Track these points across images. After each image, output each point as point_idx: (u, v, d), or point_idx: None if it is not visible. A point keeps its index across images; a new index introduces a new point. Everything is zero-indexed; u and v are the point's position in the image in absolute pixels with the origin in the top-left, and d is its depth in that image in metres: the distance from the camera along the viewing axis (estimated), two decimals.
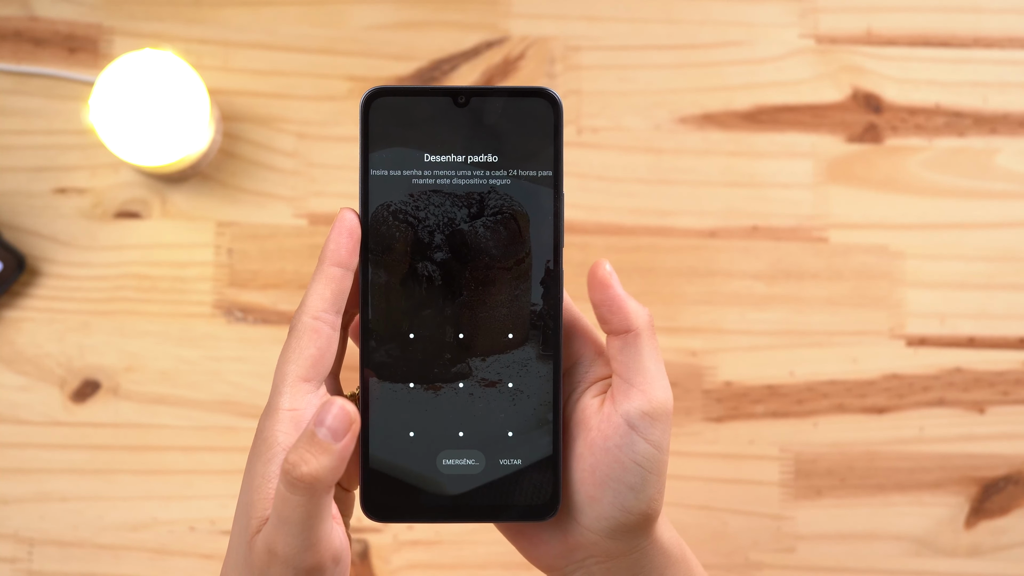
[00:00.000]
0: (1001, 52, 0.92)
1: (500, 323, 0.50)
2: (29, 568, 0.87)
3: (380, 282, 0.49)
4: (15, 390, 0.88)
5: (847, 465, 0.89)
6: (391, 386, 0.49)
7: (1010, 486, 0.89)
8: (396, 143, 0.49)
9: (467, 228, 0.49)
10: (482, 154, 0.49)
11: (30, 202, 0.90)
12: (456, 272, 0.49)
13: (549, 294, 0.50)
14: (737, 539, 0.88)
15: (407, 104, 0.49)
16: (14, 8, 0.91)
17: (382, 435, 0.50)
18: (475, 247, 0.49)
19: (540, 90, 0.49)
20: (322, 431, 0.45)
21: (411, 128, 0.49)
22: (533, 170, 0.49)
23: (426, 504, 0.50)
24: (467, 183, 0.49)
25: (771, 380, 0.89)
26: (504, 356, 0.50)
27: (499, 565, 0.88)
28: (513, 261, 0.49)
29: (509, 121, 0.49)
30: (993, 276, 0.90)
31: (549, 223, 0.50)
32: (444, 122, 0.49)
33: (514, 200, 0.49)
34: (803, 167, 0.91)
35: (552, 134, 0.49)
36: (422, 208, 0.49)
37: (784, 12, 0.92)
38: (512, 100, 0.49)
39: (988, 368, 0.89)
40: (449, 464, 0.50)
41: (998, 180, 0.91)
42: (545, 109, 0.49)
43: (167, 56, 0.85)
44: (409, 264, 0.49)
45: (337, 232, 0.48)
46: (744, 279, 0.90)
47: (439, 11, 0.92)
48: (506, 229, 0.49)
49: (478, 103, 0.49)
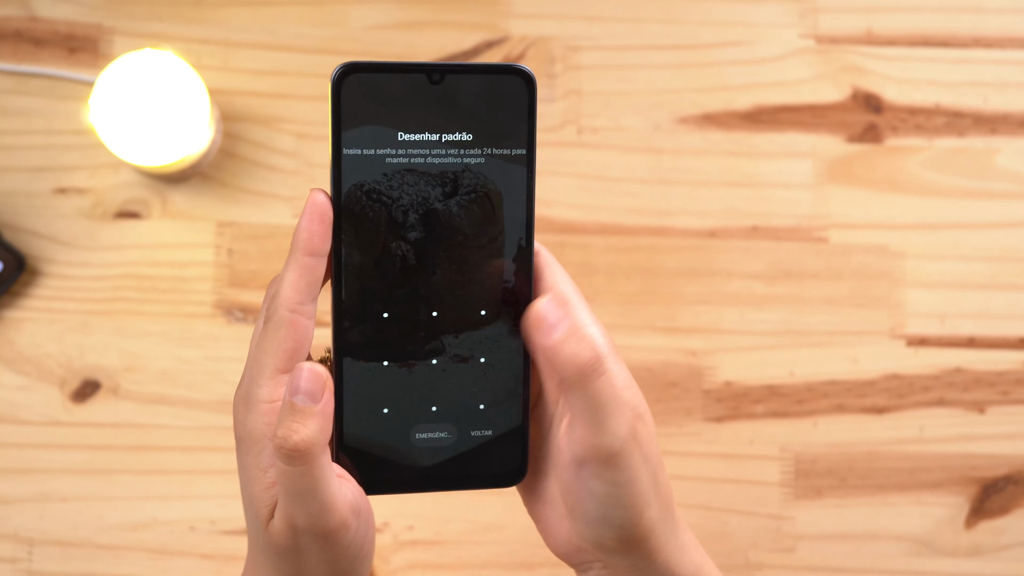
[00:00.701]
0: (1001, 52, 0.92)
1: (473, 300, 0.50)
2: (29, 568, 0.87)
3: (353, 263, 0.49)
4: (15, 390, 0.88)
5: (847, 465, 0.89)
6: (365, 365, 0.49)
7: (1010, 486, 0.89)
8: (369, 121, 0.48)
9: (440, 207, 0.49)
10: (456, 133, 0.48)
11: (30, 202, 0.90)
12: (429, 251, 0.49)
13: (521, 271, 0.50)
14: (737, 539, 0.88)
15: (380, 81, 0.48)
16: (14, 8, 0.91)
17: (356, 412, 0.50)
18: (448, 226, 0.49)
19: (514, 67, 0.49)
20: (299, 398, 0.45)
21: (384, 105, 0.48)
22: (507, 148, 0.49)
23: (399, 477, 0.51)
24: (441, 162, 0.49)
25: (771, 380, 0.89)
26: (476, 332, 0.50)
27: (499, 565, 0.88)
28: (486, 239, 0.49)
29: (483, 99, 0.49)
30: (993, 276, 0.90)
31: (522, 201, 0.49)
32: (418, 99, 0.48)
33: (487, 179, 0.49)
34: (803, 167, 0.91)
35: (526, 112, 0.49)
36: (395, 188, 0.48)
37: (784, 12, 0.92)
38: (487, 77, 0.49)
39: (988, 368, 0.89)
40: (422, 437, 0.51)
41: (998, 180, 0.91)
42: (520, 87, 0.49)
43: (167, 56, 0.85)
44: (382, 244, 0.49)
45: (309, 218, 0.47)
46: (744, 279, 0.90)
47: (439, 11, 0.92)
48: (479, 208, 0.49)
49: (452, 80, 0.48)
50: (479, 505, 0.88)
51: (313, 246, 0.47)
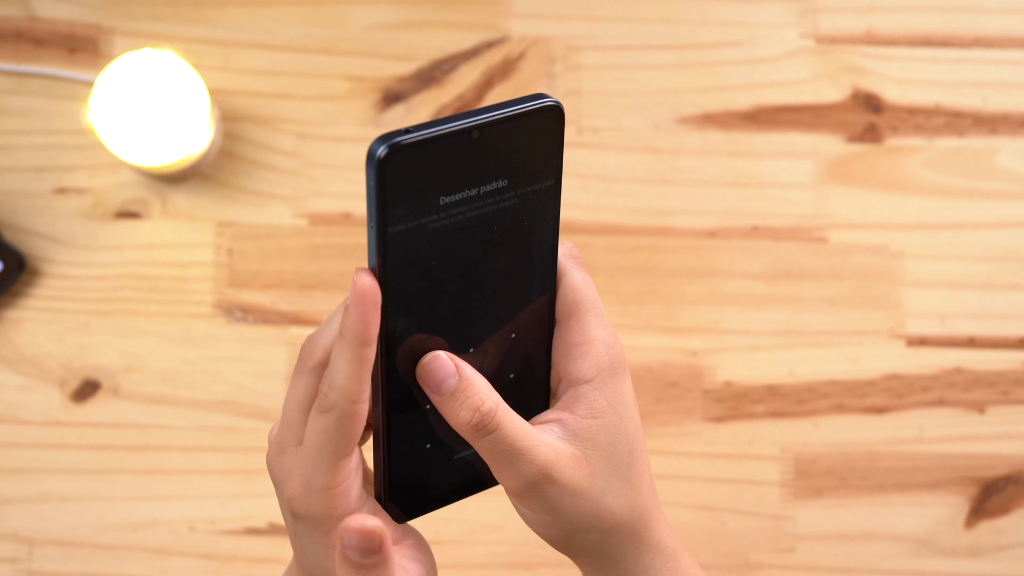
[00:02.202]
0: (1001, 52, 0.92)
1: (505, 327, 0.50)
2: (29, 568, 0.87)
3: (399, 328, 0.48)
4: (15, 390, 0.88)
5: (847, 465, 0.89)
6: (409, 413, 0.50)
7: (1010, 486, 0.89)
8: (413, 194, 0.46)
9: (478, 255, 0.48)
10: (493, 182, 0.47)
11: (30, 202, 0.90)
12: (467, 296, 0.49)
13: (546, 289, 0.50)
14: (737, 539, 0.88)
15: (423, 152, 0.46)
16: (14, 8, 0.91)
17: (403, 460, 0.51)
18: (484, 270, 0.49)
19: (547, 104, 0.47)
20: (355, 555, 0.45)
21: (427, 174, 0.46)
22: (539, 183, 0.48)
23: (441, 493, 0.52)
24: (479, 213, 0.48)
25: (771, 380, 0.89)
26: (508, 352, 0.50)
27: (499, 565, 0.88)
28: (519, 273, 0.49)
29: (517, 141, 0.47)
30: (993, 276, 0.90)
31: (550, 227, 0.49)
32: (459, 159, 0.46)
33: (520, 217, 0.49)
34: (803, 167, 0.91)
35: (556, 145, 0.48)
36: (438, 250, 0.47)
37: (784, 12, 0.92)
38: (521, 120, 0.47)
39: (988, 368, 0.89)
40: (460, 457, 0.52)
41: (998, 180, 0.91)
42: (551, 122, 0.48)
43: (167, 56, 0.85)
44: (426, 305, 0.48)
45: (362, 309, 0.45)
46: (744, 279, 0.90)
47: (439, 11, 0.92)
48: (512, 246, 0.49)
49: (491, 132, 0.47)
50: (479, 505, 0.88)
51: (369, 336, 0.46)
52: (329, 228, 0.90)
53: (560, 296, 0.51)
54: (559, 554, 0.88)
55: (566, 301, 0.51)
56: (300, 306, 0.89)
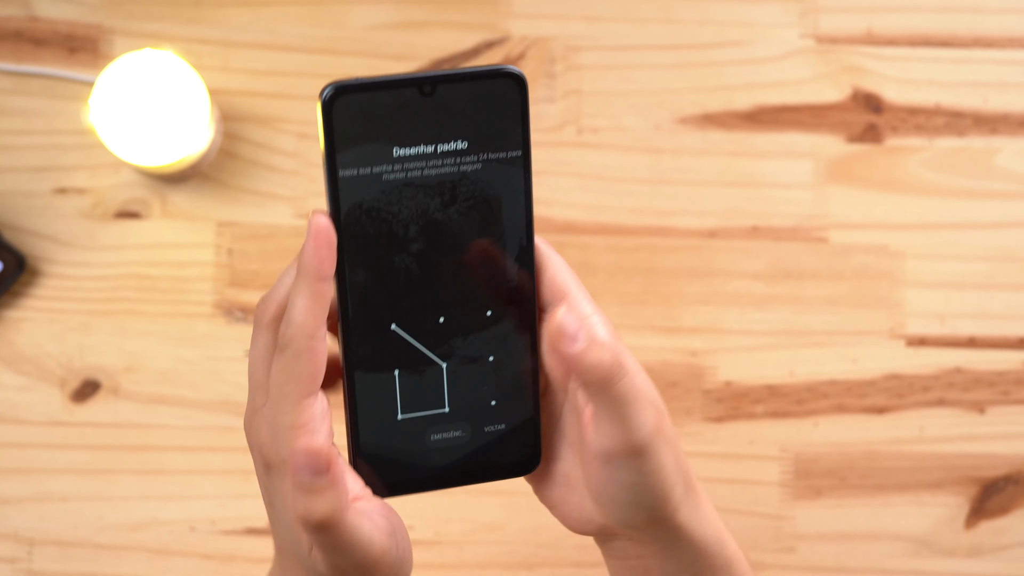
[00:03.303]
0: (1001, 52, 0.92)
1: (479, 303, 0.50)
2: (29, 568, 0.87)
3: (358, 280, 0.49)
4: (15, 390, 0.88)
5: (847, 465, 0.89)
6: (376, 375, 0.50)
7: (1010, 486, 0.89)
8: (363, 140, 0.47)
9: (440, 217, 0.49)
10: (451, 142, 0.48)
11: (30, 202, 0.90)
12: (433, 261, 0.49)
13: (523, 270, 0.50)
14: (737, 539, 0.88)
15: (371, 98, 0.47)
16: (14, 8, 0.91)
17: (371, 421, 0.50)
18: (450, 235, 0.49)
19: (504, 70, 0.48)
20: (304, 476, 0.45)
21: (377, 122, 0.47)
22: (503, 152, 0.49)
23: (419, 477, 0.51)
24: (438, 172, 0.48)
25: (771, 380, 0.89)
26: (484, 333, 0.50)
27: (499, 565, 0.88)
28: (487, 244, 0.49)
29: (476, 105, 0.48)
30: (993, 276, 0.90)
31: (521, 202, 0.50)
32: (411, 113, 0.48)
33: (485, 185, 0.49)
34: (803, 167, 0.91)
35: (519, 114, 0.49)
36: (395, 203, 0.48)
37: (784, 12, 0.92)
38: (478, 83, 0.48)
39: (988, 368, 0.89)
40: (437, 439, 0.51)
41: (998, 180, 0.91)
42: (512, 89, 0.48)
43: (167, 56, 0.85)
44: (385, 260, 0.49)
45: (316, 244, 0.47)
46: (744, 279, 0.90)
47: (439, 11, 0.92)
48: (479, 214, 0.49)
49: (444, 90, 0.48)
50: (479, 505, 0.88)
51: (324, 271, 0.47)
52: None
53: (545, 281, 0.51)
54: (559, 554, 0.88)
55: (552, 285, 0.51)
56: None
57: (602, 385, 0.47)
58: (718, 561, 0.53)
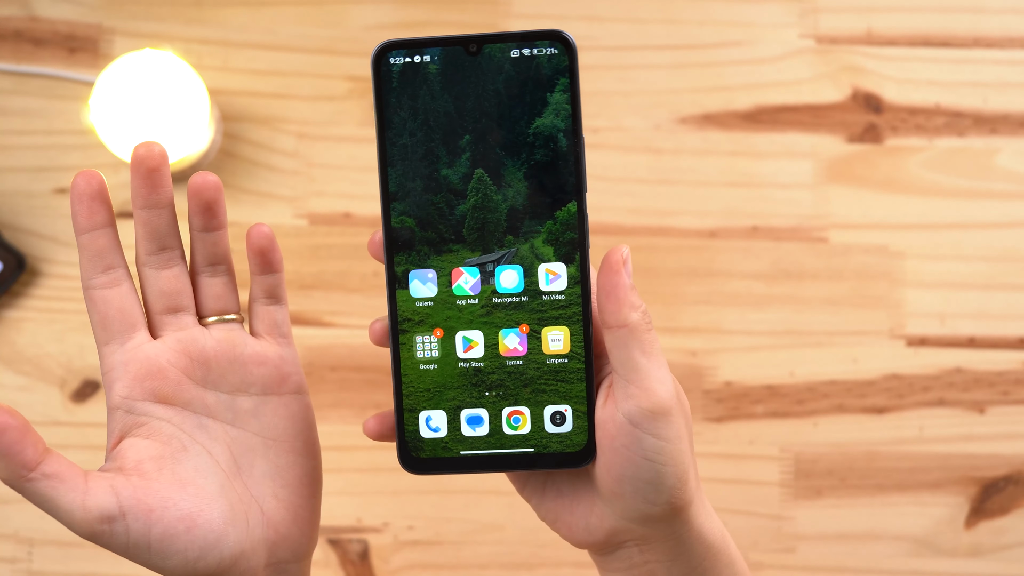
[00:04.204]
0: (1001, 52, 0.92)
1: (529, 250, 0.51)
2: (29, 568, 0.87)
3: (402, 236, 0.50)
4: (15, 390, 0.88)
5: (847, 465, 0.89)
6: (428, 364, 0.51)
7: (1010, 486, 0.89)
8: (411, 95, 0.49)
9: (488, 174, 0.50)
10: (496, 103, 0.49)
11: (30, 202, 0.90)
12: (482, 236, 0.50)
13: (580, 264, 0.51)
14: (737, 539, 0.88)
15: (419, 55, 0.49)
16: (14, 8, 0.91)
17: (420, 399, 0.51)
18: (495, 197, 0.50)
19: (553, 31, 0.49)
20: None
21: (424, 80, 0.49)
22: (551, 116, 0.50)
23: (468, 459, 0.52)
24: (483, 127, 0.50)
25: (771, 380, 0.89)
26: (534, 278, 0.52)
27: (499, 565, 0.88)
28: (536, 208, 0.50)
29: (522, 64, 0.49)
30: (993, 276, 0.90)
31: (570, 168, 0.50)
32: (457, 70, 0.49)
33: (534, 149, 0.50)
34: (803, 167, 0.91)
35: (567, 77, 0.50)
36: (443, 163, 0.50)
37: (784, 12, 0.92)
38: (525, 44, 0.49)
39: (988, 368, 0.89)
40: (490, 422, 0.52)
41: (998, 180, 0.91)
42: (557, 51, 0.49)
43: (167, 56, 0.85)
44: (434, 233, 0.50)
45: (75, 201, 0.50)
46: (744, 279, 0.90)
47: (439, 11, 0.92)
48: (530, 184, 0.50)
49: (490, 48, 0.49)
50: (479, 505, 0.88)
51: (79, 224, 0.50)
52: (329, 228, 0.90)
53: None
54: (559, 554, 0.88)
55: None
56: (300, 306, 0.89)
57: (638, 325, 0.49)
58: (723, 559, 0.53)
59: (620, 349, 0.49)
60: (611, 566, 0.53)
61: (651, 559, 0.52)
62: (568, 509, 0.53)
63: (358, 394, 0.88)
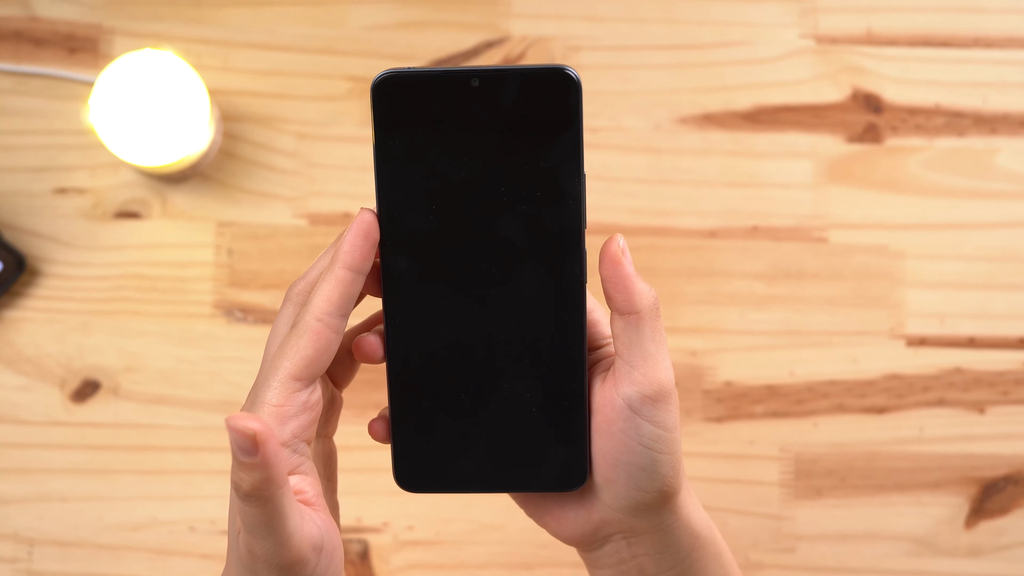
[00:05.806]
0: (1001, 52, 0.92)
1: (522, 301, 0.51)
2: (29, 568, 0.87)
3: (399, 268, 0.49)
4: (15, 390, 0.88)
5: (847, 465, 0.89)
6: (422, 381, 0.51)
7: (1010, 486, 0.89)
8: (409, 128, 0.48)
9: (485, 212, 0.49)
10: (498, 138, 0.48)
11: (30, 202, 0.90)
12: (480, 270, 0.49)
13: (573, 273, 0.50)
14: (737, 539, 0.88)
15: (420, 88, 0.48)
16: (14, 8, 0.91)
17: (412, 413, 0.51)
18: (492, 234, 0.49)
19: (558, 68, 0.48)
20: (237, 451, 0.45)
21: (423, 113, 0.48)
22: (553, 153, 0.49)
23: (460, 476, 0.52)
24: (484, 167, 0.48)
25: (771, 380, 0.89)
26: (528, 327, 0.51)
27: (499, 565, 0.88)
28: (536, 250, 0.50)
29: (525, 100, 0.48)
30: (993, 276, 0.90)
31: (570, 208, 0.49)
32: (457, 104, 0.48)
33: (535, 187, 0.49)
34: (803, 167, 0.91)
35: (571, 116, 0.48)
36: (439, 196, 0.48)
37: (784, 12, 0.92)
38: (528, 81, 0.48)
39: (988, 368, 0.89)
40: (488, 442, 0.52)
41: (998, 180, 0.91)
42: (562, 88, 0.48)
43: (167, 56, 0.85)
44: (428, 250, 0.49)
45: (354, 234, 0.48)
46: (744, 279, 0.90)
47: (439, 11, 0.92)
48: (528, 223, 0.49)
49: (491, 83, 0.48)
50: (479, 505, 0.88)
51: (353, 260, 0.48)
52: (329, 228, 0.90)
53: None
54: (559, 554, 0.88)
55: None
56: None
57: (647, 310, 0.49)
58: (711, 549, 0.54)
59: (629, 335, 0.49)
60: (600, 563, 0.53)
61: (639, 552, 0.52)
62: (557, 502, 0.53)
63: (358, 394, 0.88)
